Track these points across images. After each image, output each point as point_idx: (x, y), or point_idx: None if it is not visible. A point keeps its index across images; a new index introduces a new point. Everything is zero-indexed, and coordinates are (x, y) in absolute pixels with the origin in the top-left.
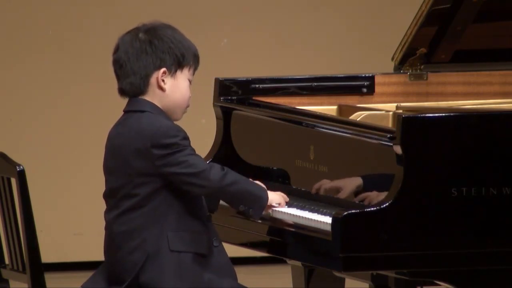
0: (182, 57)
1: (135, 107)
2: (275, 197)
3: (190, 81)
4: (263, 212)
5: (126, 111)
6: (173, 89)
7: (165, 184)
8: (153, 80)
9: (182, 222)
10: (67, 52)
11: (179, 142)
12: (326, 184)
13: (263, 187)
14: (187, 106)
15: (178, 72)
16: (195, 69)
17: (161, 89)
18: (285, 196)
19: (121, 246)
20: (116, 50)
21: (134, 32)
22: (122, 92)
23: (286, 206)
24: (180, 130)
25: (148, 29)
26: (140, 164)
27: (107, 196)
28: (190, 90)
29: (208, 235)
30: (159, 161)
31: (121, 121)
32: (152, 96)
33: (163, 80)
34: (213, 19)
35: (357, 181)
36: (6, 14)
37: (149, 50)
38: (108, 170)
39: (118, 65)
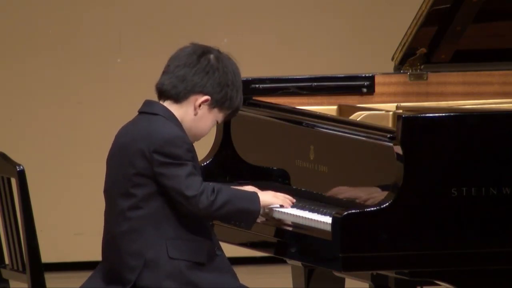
0: (229, 101)
1: (148, 109)
2: (274, 200)
3: (216, 122)
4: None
5: (140, 112)
6: (202, 118)
7: (161, 190)
8: (193, 98)
9: (181, 231)
10: (67, 52)
11: (181, 154)
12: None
13: (255, 198)
14: (198, 139)
15: (216, 109)
16: (226, 116)
17: (195, 110)
18: (289, 197)
19: (121, 247)
20: (182, 50)
21: (208, 50)
22: (160, 89)
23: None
24: (186, 141)
25: (220, 57)
26: (141, 164)
27: (106, 191)
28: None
29: (209, 245)
30: (158, 168)
31: (133, 120)
32: (182, 109)
33: (199, 106)
34: (213, 19)
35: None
36: (6, 14)
37: (210, 74)
38: (111, 165)
39: (175, 64)
